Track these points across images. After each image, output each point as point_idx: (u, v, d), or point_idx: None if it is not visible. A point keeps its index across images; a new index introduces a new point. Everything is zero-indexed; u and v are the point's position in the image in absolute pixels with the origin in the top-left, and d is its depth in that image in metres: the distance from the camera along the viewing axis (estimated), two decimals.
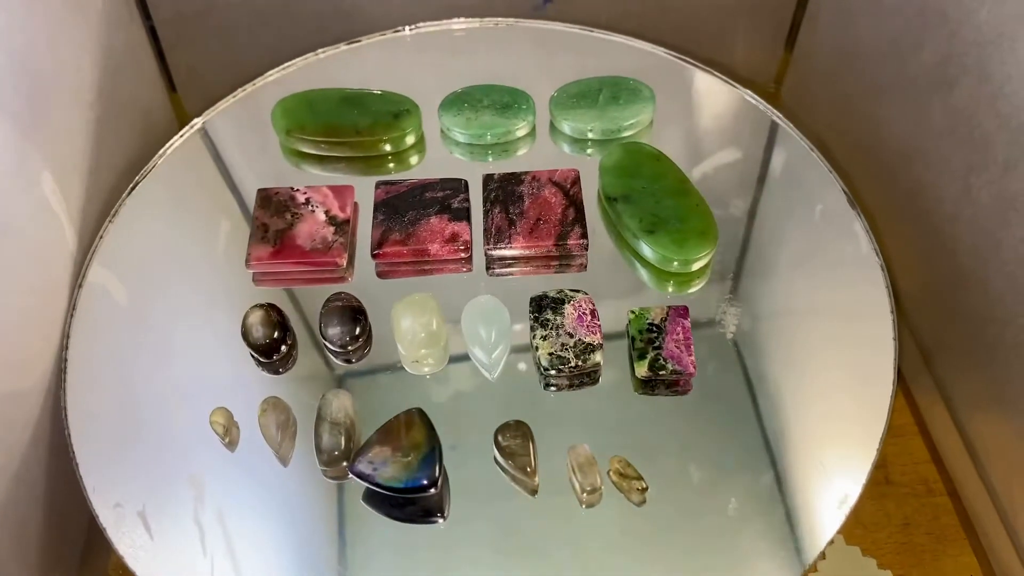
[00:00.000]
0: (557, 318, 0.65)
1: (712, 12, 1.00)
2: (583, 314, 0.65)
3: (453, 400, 0.64)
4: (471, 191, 0.73)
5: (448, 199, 0.72)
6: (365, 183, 0.74)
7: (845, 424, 0.63)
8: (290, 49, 0.85)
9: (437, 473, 0.58)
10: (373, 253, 0.70)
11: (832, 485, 0.60)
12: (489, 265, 0.71)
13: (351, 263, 0.71)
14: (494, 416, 0.62)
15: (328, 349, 0.66)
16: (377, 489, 0.58)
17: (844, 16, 0.90)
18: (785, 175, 0.76)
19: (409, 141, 0.77)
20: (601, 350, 0.64)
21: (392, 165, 0.77)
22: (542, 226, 0.70)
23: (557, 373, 0.64)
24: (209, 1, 0.93)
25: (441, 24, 0.86)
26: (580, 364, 0.63)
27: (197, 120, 0.80)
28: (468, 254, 0.70)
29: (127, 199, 0.74)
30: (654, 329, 0.65)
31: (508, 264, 0.71)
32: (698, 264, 0.69)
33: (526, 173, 0.73)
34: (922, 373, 0.86)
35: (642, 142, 0.76)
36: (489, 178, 0.73)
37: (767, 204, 0.74)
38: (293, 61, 0.84)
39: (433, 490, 0.58)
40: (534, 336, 0.65)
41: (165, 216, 0.74)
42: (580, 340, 0.64)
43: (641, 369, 0.63)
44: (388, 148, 0.76)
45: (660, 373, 0.63)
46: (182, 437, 0.63)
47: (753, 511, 0.60)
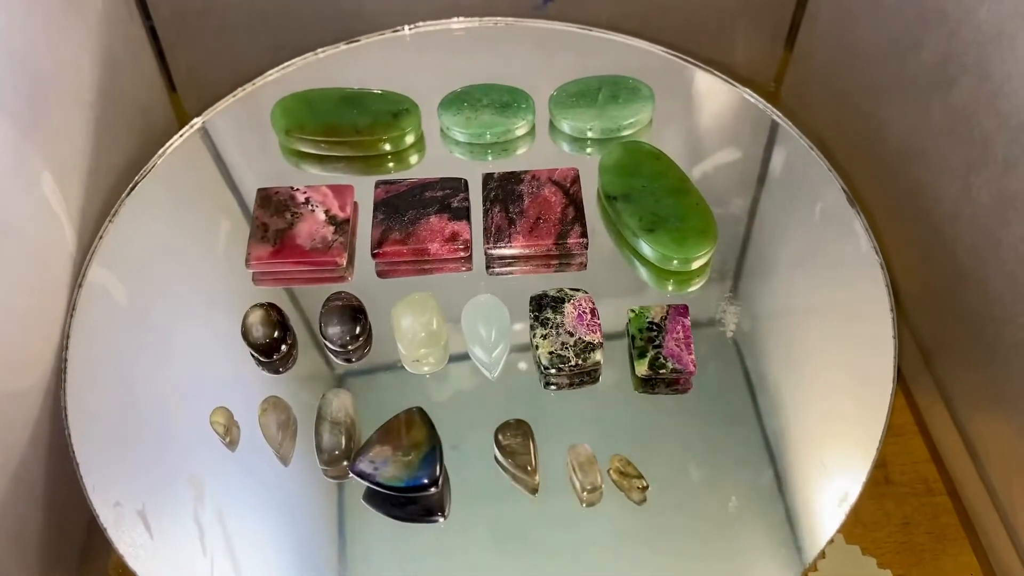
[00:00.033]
0: (557, 317, 0.65)
1: (712, 12, 1.00)
2: (583, 313, 0.65)
3: (453, 399, 0.64)
4: (471, 190, 0.73)
5: (448, 198, 0.72)
6: (365, 183, 0.74)
7: (845, 423, 0.63)
8: (290, 49, 0.85)
9: (438, 472, 0.58)
10: (373, 252, 0.70)
11: (832, 484, 0.60)
12: (489, 264, 0.71)
13: (351, 262, 0.71)
14: (494, 415, 0.62)
15: (328, 348, 0.66)
16: (378, 488, 0.58)
17: (844, 15, 0.90)
18: (784, 174, 0.76)
19: (409, 140, 0.77)
20: (601, 349, 0.64)
21: (392, 164, 0.77)
22: (542, 225, 0.70)
23: (557, 372, 0.64)
24: (209, 1, 0.93)
25: (440, 23, 0.86)
26: (580, 363, 0.63)
27: (197, 120, 0.79)
28: (468, 253, 0.70)
29: (127, 199, 0.74)
30: (654, 328, 0.65)
31: (508, 263, 0.71)
32: (698, 263, 0.69)
33: (526, 172, 0.73)
34: (922, 373, 0.86)
35: (642, 141, 0.76)
36: (489, 177, 0.73)
37: (767, 203, 0.74)
38: (292, 61, 0.84)
39: (434, 489, 0.58)
40: (534, 335, 0.65)
41: (165, 216, 0.74)
42: (580, 339, 0.64)
43: (641, 368, 0.63)
44: (388, 147, 0.76)
45: (660, 372, 0.63)
46: (182, 437, 0.63)
47: (753, 510, 0.60)
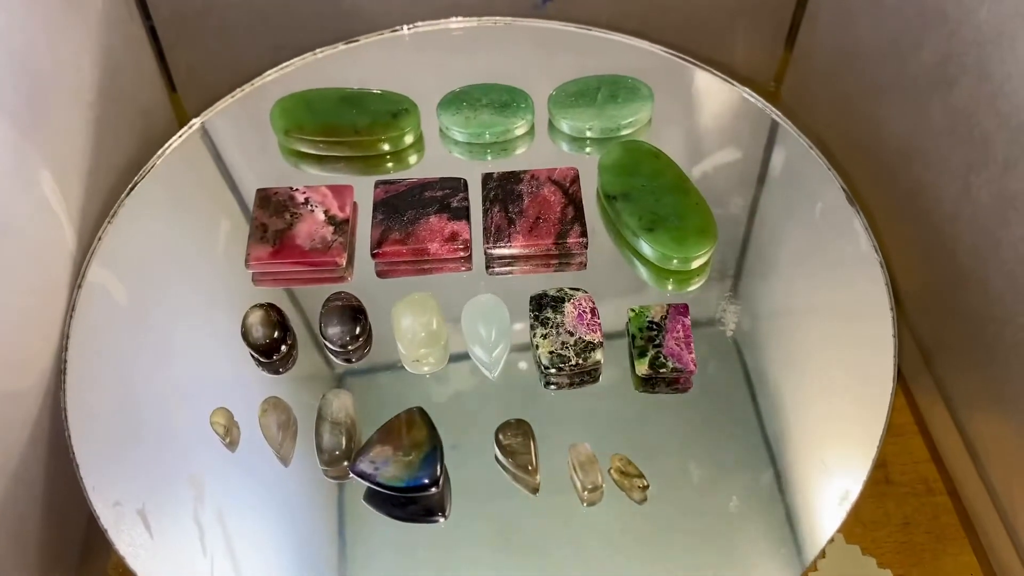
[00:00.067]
0: (557, 316, 0.65)
1: (712, 12, 1.00)
2: (583, 312, 0.65)
3: (453, 399, 0.64)
4: (470, 190, 0.73)
5: (447, 198, 0.72)
6: (364, 183, 0.74)
7: (845, 423, 0.63)
8: (290, 49, 0.85)
9: (438, 472, 0.58)
10: (373, 252, 0.70)
11: (832, 484, 0.60)
12: (489, 264, 0.71)
13: (351, 263, 0.71)
14: (495, 415, 0.62)
15: (328, 349, 0.66)
16: (378, 488, 0.58)
17: (844, 15, 0.90)
18: (784, 173, 0.76)
19: (408, 140, 0.77)
20: (601, 348, 0.64)
21: (391, 164, 0.77)
22: (541, 225, 0.70)
23: (557, 372, 0.64)
24: (209, 1, 0.93)
25: (439, 23, 0.86)
26: (580, 362, 0.63)
27: (196, 120, 0.79)
28: (468, 253, 0.70)
29: (126, 199, 0.74)
30: (654, 327, 0.65)
31: (508, 263, 0.71)
32: (697, 262, 0.69)
33: (525, 172, 0.73)
34: (922, 372, 0.86)
35: (641, 140, 0.76)
36: (488, 177, 0.73)
37: (766, 202, 0.74)
38: (291, 61, 0.84)
39: (434, 489, 0.58)
40: (534, 335, 0.65)
41: (164, 216, 0.74)
42: (580, 338, 0.64)
43: (642, 367, 0.63)
44: (387, 147, 0.76)
45: (661, 371, 0.63)
46: (182, 437, 0.62)
47: (753, 509, 0.60)
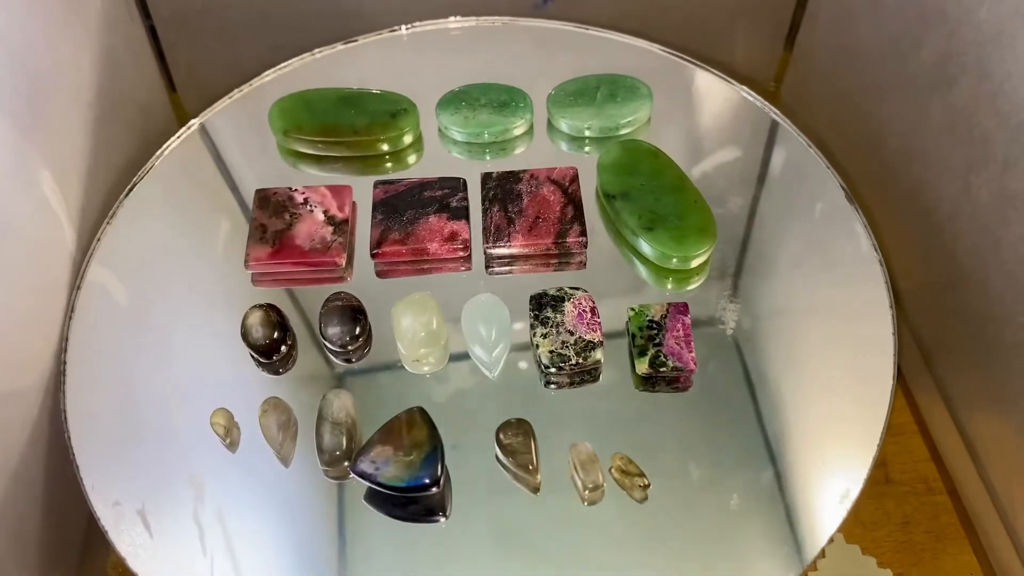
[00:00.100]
0: (557, 316, 0.65)
1: (712, 12, 1.00)
2: (583, 312, 0.65)
3: (454, 399, 0.64)
4: (469, 190, 0.73)
5: (447, 198, 0.72)
6: (363, 183, 0.74)
7: (845, 423, 0.63)
8: (290, 49, 0.84)
9: (439, 472, 0.58)
10: (372, 253, 0.70)
11: (832, 483, 0.60)
12: (488, 264, 0.71)
13: (350, 263, 0.71)
14: (495, 415, 0.62)
15: (328, 349, 0.66)
16: (379, 488, 0.58)
17: (844, 15, 0.90)
18: (783, 172, 0.76)
19: (407, 140, 0.77)
20: (602, 347, 0.64)
21: (390, 164, 0.77)
22: (541, 224, 0.70)
23: (558, 371, 0.64)
24: (209, 1, 0.93)
25: (437, 23, 0.86)
26: (581, 362, 0.63)
27: (194, 121, 0.79)
28: (467, 253, 0.70)
29: (126, 199, 0.74)
30: (654, 326, 0.65)
31: (507, 262, 0.71)
32: (697, 261, 0.69)
33: (524, 171, 0.73)
34: (922, 372, 0.86)
35: (640, 139, 0.76)
36: (487, 176, 0.73)
37: (766, 202, 0.74)
38: (289, 61, 0.83)
39: (436, 489, 0.58)
40: (534, 334, 0.65)
41: (164, 216, 0.74)
42: (580, 338, 0.64)
43: (642, 366, 0.63)
44: (386, 147, 0.76)
45: (661, 370, 0.63)
46: (182, 437, 0.62)
47: (754, 508, 0.60)
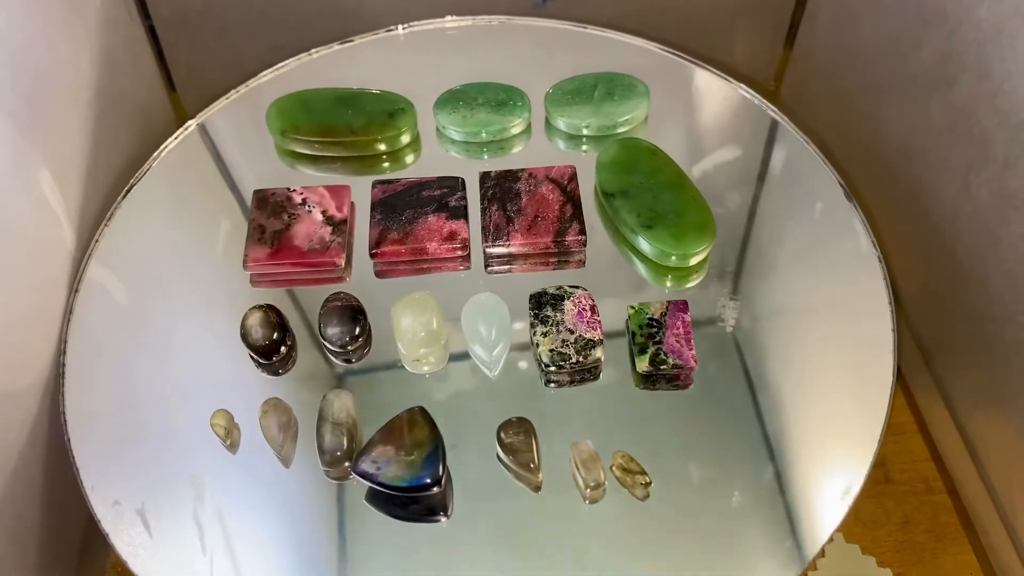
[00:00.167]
0: (557, 314, 0.65)
1: (712, 11, 1.00)
2: (583, 310, 0.65)
3: (454, 398, 0.64)
4: (468, 189, 0.73)
5: (445, 197, 0.72)
6: (361, 183, 0.74)
7: (845, 422, 0.63)
8: (290, 48, 0.84)
9: (441, 471, 0.58)
10: (371, 252, 0.70)
11: (832, 482, 0.60)
12: (488, 263, 0.71)
13: (349, 263, 0.71)
14: (495, 414, 0.62)
15: (328, 349, 0.66)
16: (380, 488, 0.58)
17: (844, 15, 0.90)
18: (783, 171, 0.76)
19: (404, 140, 0.77)
20: (602, 346, 0.64)
21: (388, 164, 0.77)
22: (540, 223, 0.70)
23: (558, 369, 0.64)
24: (209, 1, 0.93)
25: (434, 22, 0.86)
26: (581, 360, 0.63)
27: (192, 121, 0.79)
28: (466, 252, 0.70)
29: (125, 199, 0.74)
30: (654, 324, 0.65)
31: (506, 261, 0.71)
32: (696, 258, 0.69)
33: (523, 170, 0.73)
34: (922, 372, 0.86)
35: (638, 137, 0.76)
36: (486, 175, 0.73)
37: (765, 200, 0.74)
38: (287, 61, 0.83)
39: (437, 488, 0.58)
40: (534, 333, 0.65)
41: (163, 216, 0.74)
42: (580, 336, 0.64)
43: (642, 364, 0.63)
44: (383, 147, 0.76)
45: (661, 368, 0.63)
46: (182, 437, 0.62)
47: (754, 507, 0.60)
